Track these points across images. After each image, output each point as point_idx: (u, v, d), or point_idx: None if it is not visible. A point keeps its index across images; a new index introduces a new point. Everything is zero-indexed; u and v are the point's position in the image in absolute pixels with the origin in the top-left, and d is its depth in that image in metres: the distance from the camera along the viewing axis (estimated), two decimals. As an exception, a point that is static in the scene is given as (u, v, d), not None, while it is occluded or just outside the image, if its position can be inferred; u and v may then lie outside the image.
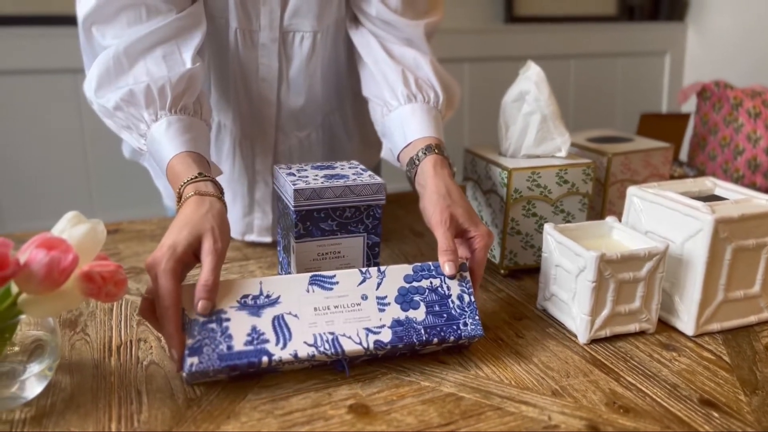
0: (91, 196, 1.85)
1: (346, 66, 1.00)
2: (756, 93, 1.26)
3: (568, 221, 0.88)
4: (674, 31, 2.36)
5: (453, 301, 0.67)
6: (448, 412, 0.58)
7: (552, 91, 0.86)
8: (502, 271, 0.88)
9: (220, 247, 0.64)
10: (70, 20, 1.70)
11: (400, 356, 0.67)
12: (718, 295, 0.73)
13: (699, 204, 0.72)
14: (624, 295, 0.71)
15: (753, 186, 1.24)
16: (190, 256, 0.63)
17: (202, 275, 0.62)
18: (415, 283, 0.67)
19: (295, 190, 0.71)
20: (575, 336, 0.72)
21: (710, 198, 0.79)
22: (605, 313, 0.71)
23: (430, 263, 0.69)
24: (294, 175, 0.76)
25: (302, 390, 0.61)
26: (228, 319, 0.61)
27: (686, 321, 0.73)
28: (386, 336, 0.63)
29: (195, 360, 0.58)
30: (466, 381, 0.64)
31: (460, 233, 0.73)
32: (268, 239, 0.99)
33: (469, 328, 0.65)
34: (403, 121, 0.86)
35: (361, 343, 0.62)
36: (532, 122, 0.87)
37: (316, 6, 0.88)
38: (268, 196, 0.98)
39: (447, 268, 0.68)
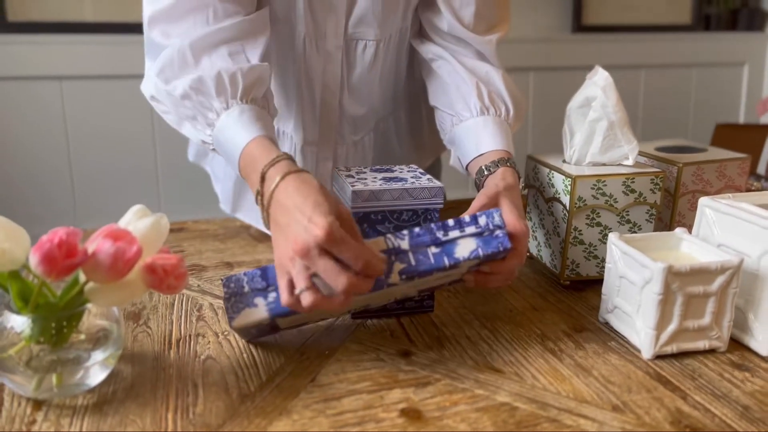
0: (159, 197, 1.92)
1: (405, 73, 1.01)
2: (843, 104, 1.19)
3: (634, 232, 0.85)
4: (754, 42, 2.26)
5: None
6: (502, 422, 0.57)
7: (620, 98, 0.83)
8: (563, 282, 0.86)
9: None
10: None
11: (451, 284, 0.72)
12: (797, 314, 0.68)
13: (778, 217, 0.68)
14: (693, 310, 0.68)
15: (838, 203, 1.16)
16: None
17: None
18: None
19: (353, 192, 0.71)
20: (639, 351, 0.69)
21: (790, 211, 0.75)
22: (672, 328, 0.67)
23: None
24: (353, 177, 0.76)
25: (355, 392, 0.61)
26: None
27: (761, 340, 0.69)
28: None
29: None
30: (522, 391, 0.62)
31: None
32: None
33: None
34: (476, 132, 0.87)
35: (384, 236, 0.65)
36: (598, 129, 0.84)
37: (380, 15, 0.89)
38: None
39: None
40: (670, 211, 0.91)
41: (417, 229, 0.66)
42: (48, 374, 0.58)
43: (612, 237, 0.73)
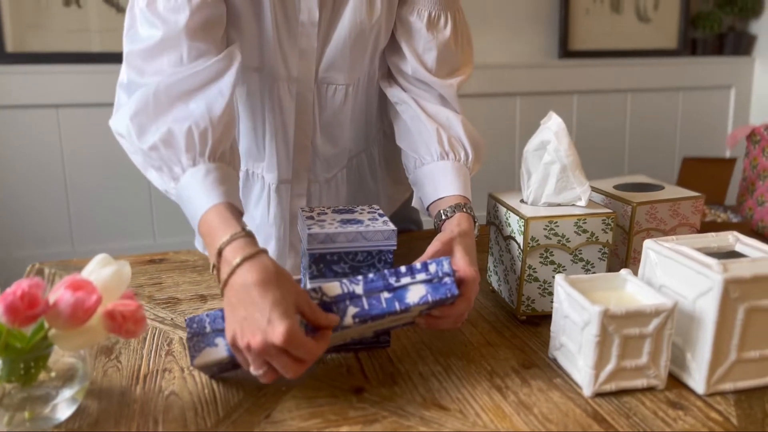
0: (152, 221, 1.97)
1: (377, 112, 1.06)
2: (807, 138, 1.22)
3: (588, 269, 0.89)
4: (740, 66, 2.30)
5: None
6: (437, 460, 0.60)
7: (572, 142, 0.87)
8: (520, 317, 0.90)
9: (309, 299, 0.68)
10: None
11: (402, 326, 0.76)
12: (730, 354, 0.72)
13: (712, 261, 0.72)
14: (630, 351, 0.71)
15: (802, 234, 1.19)
16: None
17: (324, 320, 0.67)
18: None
19: (309, 235, 0.76)
20: (581, 388, 0.73)
21: (730, 254, 0.78)
22: (610, 367, 0.71)
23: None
24: (313, 219, 0.81)
25: (305, 429, 0.65)
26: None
27: (697, 379, 0.73)
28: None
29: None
30: (463, 429, 0.65)
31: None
32: (299, 277, 1.04)
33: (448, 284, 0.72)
34: (435, 177, 0.92)
35: (338, 282, 0.70)
36: (552, 171, 0.88)
37: (349, 61, 0.94)
38: (297, 238, 1.03)
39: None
40: (626, 248, 0.95)
41: (371, 275, 0.71)
42: (19, 411, 0.63)
43: (558, 278, 0.77)
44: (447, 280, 0.72)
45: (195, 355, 0.70)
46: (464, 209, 0.85)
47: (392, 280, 0.71)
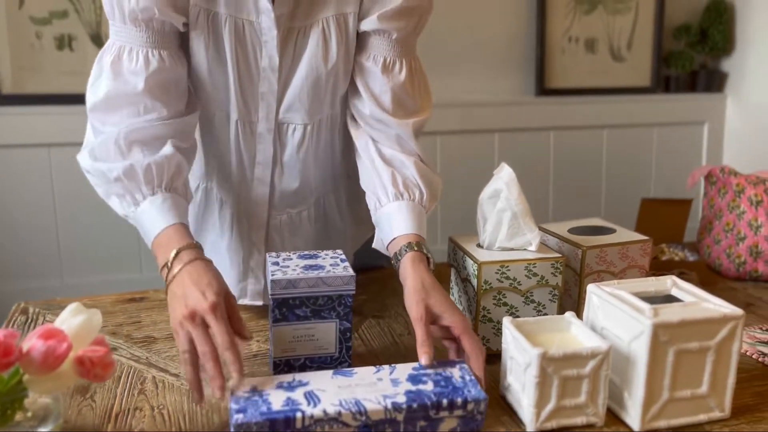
0: (140, 254, 2.02)
1: (342, 154, 1.12)
2: (760, 180, 1.29)
3: (539, 311, 0.94)
4: (713, 102, 2.38)
5: (456, 379, 0.78)
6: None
7: (521, 191, 0.93)
8: (476, 356, 0.95)
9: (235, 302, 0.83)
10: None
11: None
12: (663, 394, 0.77)
13: (645, 306, 0.77)
14: (569, 390, 0.76)
15: (755, 272, 1.25)
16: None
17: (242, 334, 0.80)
18: (422, 371, 0.79)
19: (272, 281, 0.81)
20: (525, 426, 0.78)
21: (666, 298, 0.84)
22: (550, 406, 0.76)
23: (434, 362, 0.81)
24: (278, 264, 0.86)
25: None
26: (268, 394, 0.72)
27: (633, 417, 0.78)
28: (401, 399, 0.72)
29: (241, 416, 0.68)
30: (410, 465, 0.70)
31: (435, 319, 0.85)
32: (259, 302, 1.11)
33: (473, 392, 0.75)
34: (390, 217, 0.98)
35: (380, 403, 0.71)
36: (504, 218, 0.94)
37: (307, 103, 1.01)
38: (261, 263, 1.09)
39: (423, 360, 0.81)
40: (578, 289, 1.00)
41: (414, 405, 0.72)
42: (-5, 449, 0.67)
43: (505, 321, 0.82)
44: (479, 417, 0.75)
45: None
46: (416, 248, 0.92)
47: (432, 413, 0.73)
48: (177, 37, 0.96)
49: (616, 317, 0.80)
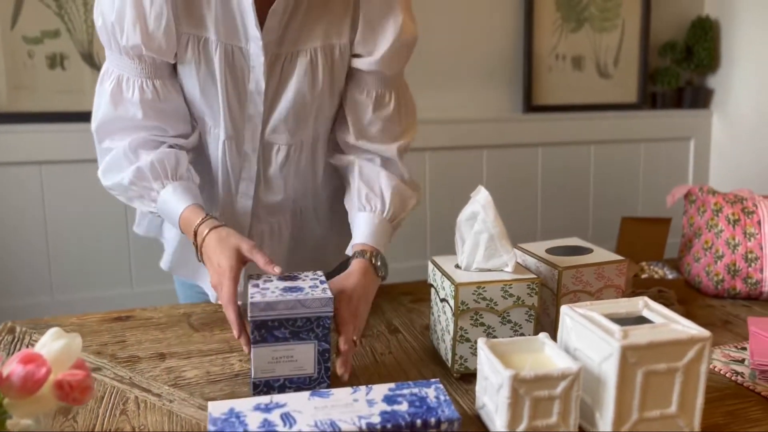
0: (130, 272, 2.04)
1: (324, 171, 1.17)
2: (738, 199, 1.31)
3: (516, 331, 0.96)
4: (699, 118, 2.41)
5: (431, 399, 0.78)
6: None
7: (497, 214, 0.95)
8: (454, 375, 0.96)
9: (252, 244, 0.93)
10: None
11: None
12: (632, 414, 0.79)
13: (615, 328, 0.79)
14: (541, 411, 0.78)
15: (733, 290, 1.27)
16: (239, 264, 0.92)
17: (262, 261, 0.92)
18: (397, 391, 0.80)
19: (251, 303, 0.83)
20: (498, 445, 0.79)
21: (637, 320, 0.86)
22: (522, 427, 0.77)
23: (410, 382, 0.81)
24: (258, 286, 0.88)
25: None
26: (245, 415, 0.74)
27: (604, 436, 0.79)
28: (376, 419, 0.74)
29: None
30: (383, 485, 0.71)
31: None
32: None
33: (447, 412, 0.76)
34: (354, 227, 1.07)
35: (354, 424, 0.72)
36: (481, 240, 0.96)
37: (291, 126, 1.06)
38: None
39: (338, 369, 0.89)
40: (555, 308, 1.02)
41: (389, 425, 0.73)
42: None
43: (480, 342, 0.84)
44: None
45: None
46: (364, 256, 1.00)
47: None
48: (169, 66, 1.02)
49: (587, 338, 0.82)
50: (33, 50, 1.94)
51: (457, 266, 1.00)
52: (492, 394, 0.81)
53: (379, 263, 1.02)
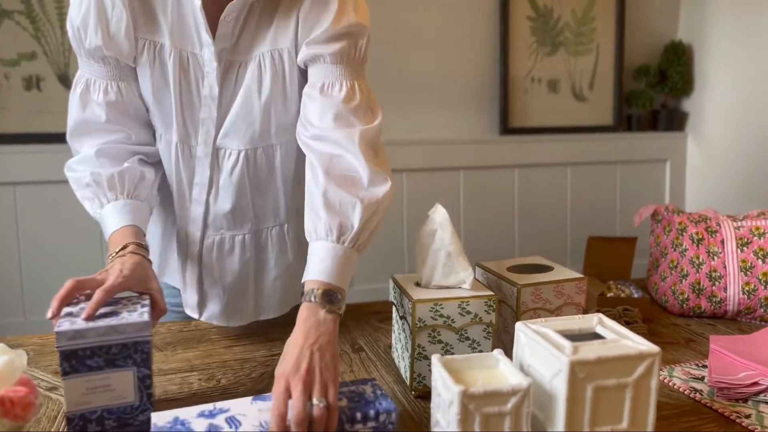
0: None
1: (291, 190, 1.15)
2: (702, 218, 1.32)
3: (474, 348, 0.96)
4: (674, 141, 2.44)
5: (368, 394, 0.83)
6: None
7: (454, 231, 0.96)
8: (413, 393, 0.96)
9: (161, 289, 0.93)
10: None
11: None
12: (583, 429, 0.79)
13: (565, 344, 0.79)
14: (492, 427, 0.77)
15: (698, 309, 1.28)
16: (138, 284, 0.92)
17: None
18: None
19: (57, 332, 0.78)
20: (450, 463, 0.79)
21: (590, 336, 0.86)
22: (473, 443, 0.77)
23: (348, 381, 0.85)
24: (71, 314, 0.83)
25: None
26: (189, 422, 0.74)
27: (556, 453, 0.79)
28: None
29: None
30: (331, 503, 0.71)
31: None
32: (195, 315, 1.17)
33: (384, 404, 0.80)
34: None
35: None
36: (439, 258, 0.96)
37: (241, 131, 1.08)
38: (195, 278, 1.15)
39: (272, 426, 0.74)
40: (514, 326, 1.02)
41: None
42: None
43: (434, 359, 0.84)
44: (390, 427, 0.81)
45: None
46: (309, 297, 0.87)
47: (347, 426, 0.78)
48: (133, 70, 1.06)
49: (540, 354, 0.82)
50: (9, 72, 1.95)
51: (417, 284, 1.00)
52: (444, 410, 0.81)
53: (317, 299, 0.86)
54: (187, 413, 0.76)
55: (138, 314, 0.84)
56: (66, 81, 1.98)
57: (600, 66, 2.38)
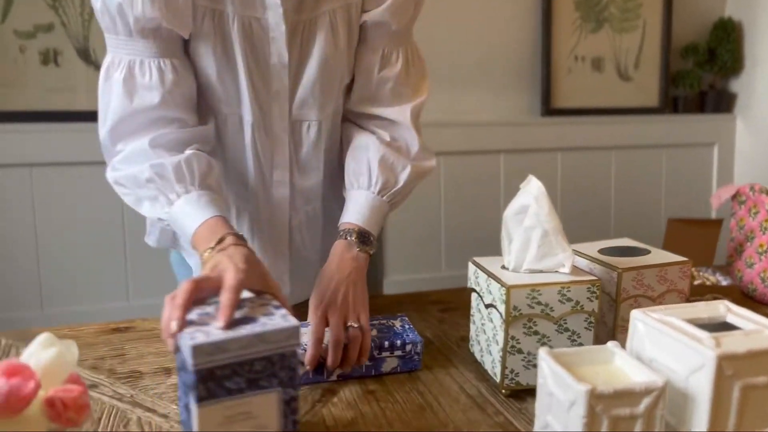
0: (126, 281, 1.91)
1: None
2: (794, 198, 1.20)
3: (574, 340, 0.84)
4: (722, 123, 2.32)
5: (396, 327, 0.90)
6: None
7: (552, 207, 0.84)
8: (504, 391, 0.84)
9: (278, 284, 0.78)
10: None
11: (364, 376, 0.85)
12: (727, 435, 0.67)
13: (704, 335, 0.67)
14: (621, 432, 0.66)
15: (793, 298, 1.16)
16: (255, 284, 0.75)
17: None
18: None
19: (193, 347, 0.61)
20: (569, 474, 0.67)
21: (721, 326, 0.74)
22: (599, 451, 0.66)
23: (378, 316, 0.91)
24: (194, 322, 0.66)
25: None
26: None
27: (693, 462, 0.68)
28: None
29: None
30: None
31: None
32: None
33: (410, 336, 0.88)
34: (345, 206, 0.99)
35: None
36: (533, 236, 0.85)
37: (319, 98, 0.99)
38: (286, 269, 1.08)
39: (329, 361, 0.83)
40: (613, 315, 0.91)
41: None
42: None
43: (542, 352, 0.72)
44: (416, 357, 0.88)
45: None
46: (347, 236, 0.93)
47: (375, 353, 0.85)
48: (182, 44, 0.93)
49: (668, 347, 0.71)
50: (25, 45, 1.83)
51: (504, 267, 0.88)
52: (559, 412, 0.69)
53: (353, 238, 0.92)
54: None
55: (281, 318, 0.67)
56: (85, 55, 1.86)
57: (646, 44, 2.26)
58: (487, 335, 0.88)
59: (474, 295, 0.93)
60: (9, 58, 1.83)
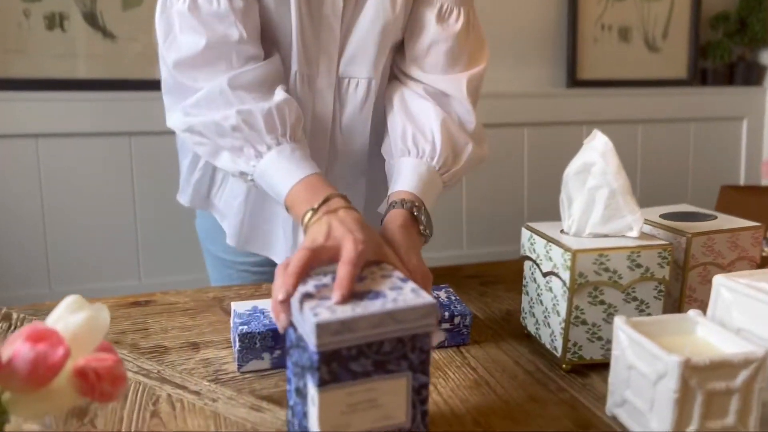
0: (138, 257, 1.84)
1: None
2: None
3: (642, 310, 0.77)
4: (752, 96, 2.24)
5: (443, 299, 0.86)
6: None
7: (620, 165, 0.76)
8: (564, 366, 0.77)
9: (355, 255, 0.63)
10: (126, 85, 1.74)
11: None
12: (833, 413, 0.60)
13: (805, 301, 0.60)
14: (715, 409, 0.59)
15: None
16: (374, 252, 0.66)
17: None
18: None
19: (317, 324, 0.53)
20: (654, 455, 0.60)
21: (815, 292, 0.67)
22: (692, 429, 0.59)
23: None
24: (311, 296, 0.58)
25: None
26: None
27: (793, 443, 0.61)
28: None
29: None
30: None
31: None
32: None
33: (459, 308, 0.84)
34: (393, 174, 0.88)
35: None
36: (598, 197, 0.77)
37: (371, 54, 0.90)
38: None
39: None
40: (680, 285, 0.83)
41: None
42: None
43: (618, 321, 0.65)
44: (465, 331, 0.84)
45: (242, 364, 0.76)
46: (404, 205, 0.78)
47: None
48: None
49: (762, 316, 0.64)
50: (29, 9, 1.74)
51: (563, 232, 0.81)
52: (642, 388, 0.62)
53: (423, 217, 0.79)
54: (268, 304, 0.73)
55: (411, 292, 0.58)
56: (93, 20, 1.77)
57: (675, 12, 2.17)
58: (544, 306, 0.81)
59: (528, 264, 0.85)
60: (13, 23, 1.75)
